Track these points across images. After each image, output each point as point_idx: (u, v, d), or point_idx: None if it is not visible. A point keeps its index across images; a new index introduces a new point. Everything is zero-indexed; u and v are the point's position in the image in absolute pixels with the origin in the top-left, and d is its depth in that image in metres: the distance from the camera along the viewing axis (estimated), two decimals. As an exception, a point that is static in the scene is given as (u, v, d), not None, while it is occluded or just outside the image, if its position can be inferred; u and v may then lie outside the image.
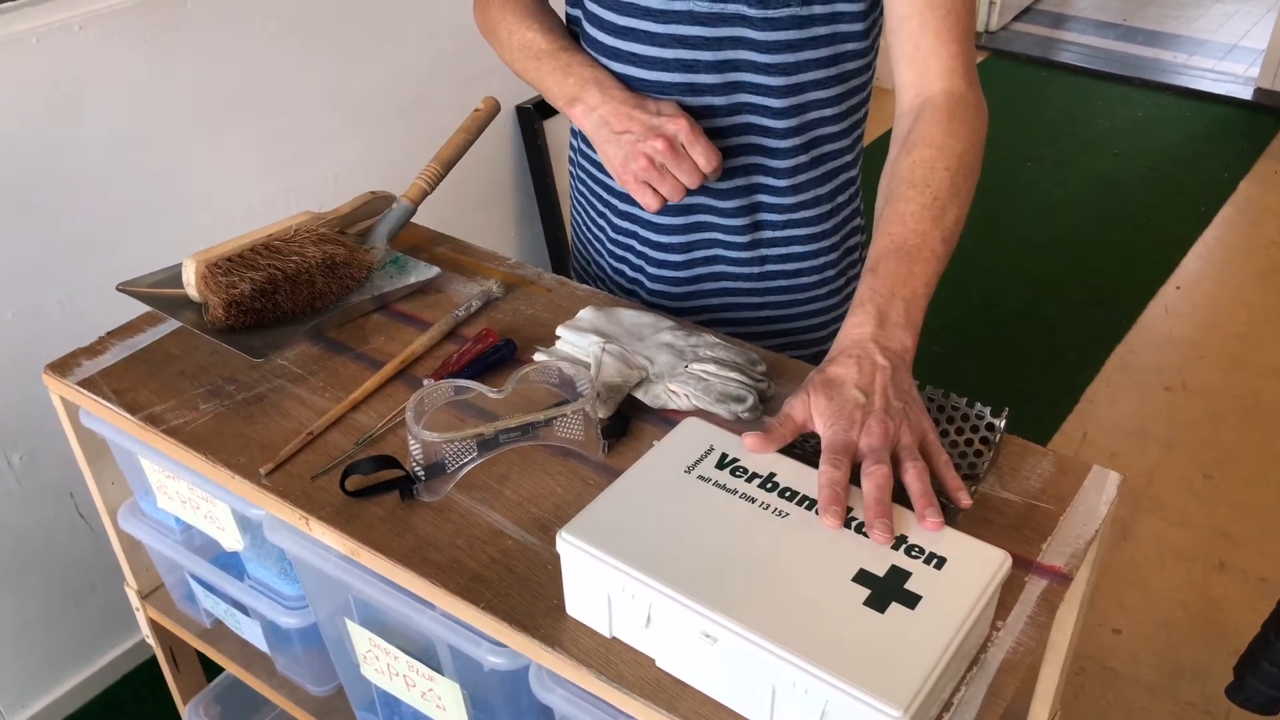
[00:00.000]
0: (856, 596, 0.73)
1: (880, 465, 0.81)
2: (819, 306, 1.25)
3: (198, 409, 1.01)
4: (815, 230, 1.20)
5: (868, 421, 0.84)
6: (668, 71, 1.09)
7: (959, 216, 0.96)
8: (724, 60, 1.08)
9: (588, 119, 1.09)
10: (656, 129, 1.04)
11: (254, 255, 1.08)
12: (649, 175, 1.05)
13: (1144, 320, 2.92)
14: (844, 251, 1.24)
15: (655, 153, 1.04)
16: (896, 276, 0.92)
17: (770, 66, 1.07)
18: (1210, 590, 2.14)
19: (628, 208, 1.21)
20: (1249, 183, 3.54)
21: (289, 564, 1.06)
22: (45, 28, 1.53)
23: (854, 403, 0.84)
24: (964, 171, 0.98)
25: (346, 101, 2.02)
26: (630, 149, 1.06)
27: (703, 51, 1.08)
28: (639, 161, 1.05)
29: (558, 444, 0.94)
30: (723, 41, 1.07)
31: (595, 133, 1.09)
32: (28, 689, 1.84)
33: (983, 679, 0.75)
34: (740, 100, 1.10)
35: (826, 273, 1.23)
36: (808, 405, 0.87)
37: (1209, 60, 4.34)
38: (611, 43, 1.11)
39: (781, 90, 1.09)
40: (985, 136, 1.02)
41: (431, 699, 0.96)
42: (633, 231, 1.22)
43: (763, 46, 1.06)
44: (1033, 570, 0.83)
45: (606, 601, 0.77)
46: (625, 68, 1.11)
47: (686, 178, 1.05)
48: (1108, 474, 0.92)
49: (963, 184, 0.97)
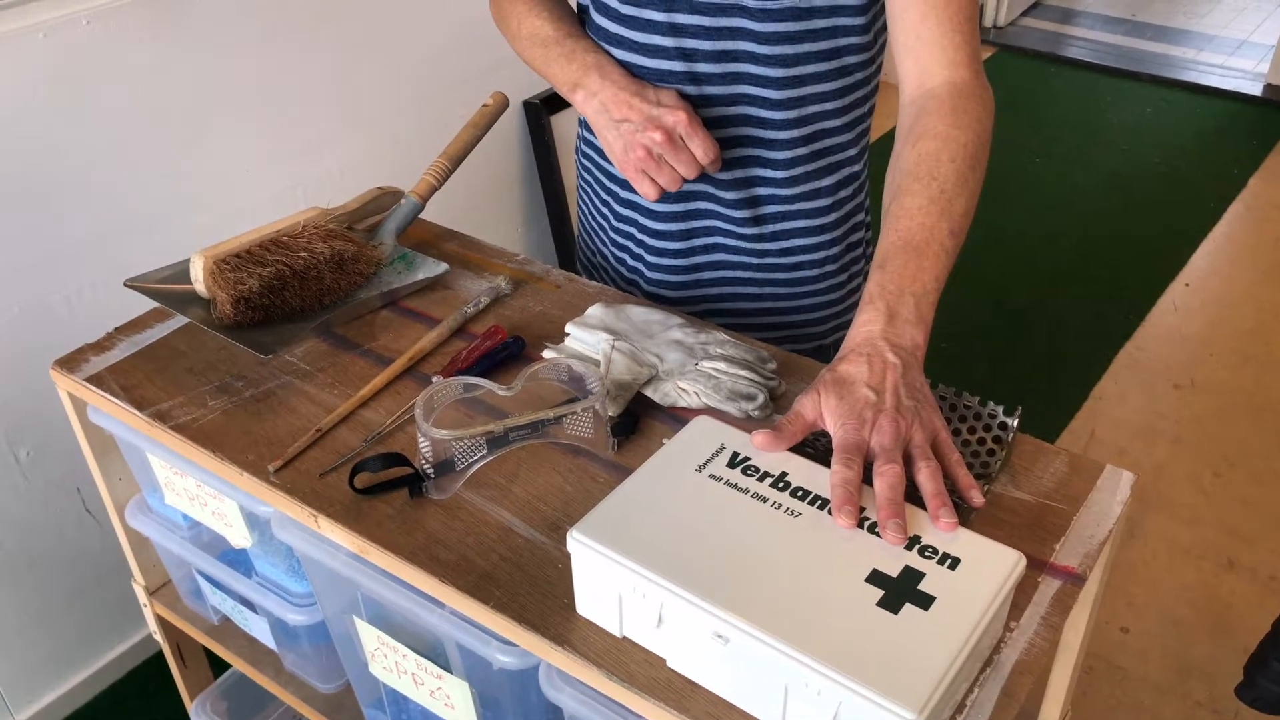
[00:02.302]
0: (870, 597, 0.72)
1: (892, 465, 0.80)
2: (819, 301, 1.25)
3: (206, 405, 1.01)
4: (816, 223, 1.19)
5: (879, 420, 0.83)
6: (668, 60, 1.10)
7: (967, 209, 0.95)
8: (723, 50, 1.08)
9: (589, 105, 1.09)
10: (655, 119, 1.04)
11: (262, 251, 1.08)
12: (647, 165, 1.06)
13: (1153, 317, 2.91)
14: (846, 246, 1.24)
15: (653, 144, 1.04)
16: (905, 272, 0.91)
17: (769, 58, 1.08)
18: (1219, 588, 2.13)
19: (629, 195, 1.21)
20: (1259, 179, 3.53)
21: (297, 561, 1.06)
22: (52, 22, 1.52)
23: (865, 401, 0.84)
24: (970, 162, 0.96)
25: (354, 96, 2.02)
26: (629, 138, 1.06)
27: (702, 41, 1.08)
28: (637, 151, 1.05)
29: (567, 442, 0.93)
30: (722, 32, 1.07)
31: (596, 119, 1.09)
32: (34, 684, 1.84)
33: (996, 680, 0.75)
34: (739, 91, 1.10)
35: (827, 267, 1.23)
36: (818, 404, 0.86)
37: (1218, 56, 4.32)
38: (616, 30, 1.12)
39: (780, 82, 1.09)
40: (991, 125, 1.00)
41: (440, 697, 0.96)
42: (633, 220, 1.22)
43: (762, 38, 1.06)
44: (1046, 571, 0.83)
45: (617, 601, 0.76)
46: (628, 55, 1.11)
47: (684, 169, 1.06)
48: (1121, 474, 0.91)
49: (970, 175, 0.96)
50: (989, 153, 1.00)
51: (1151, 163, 3.62)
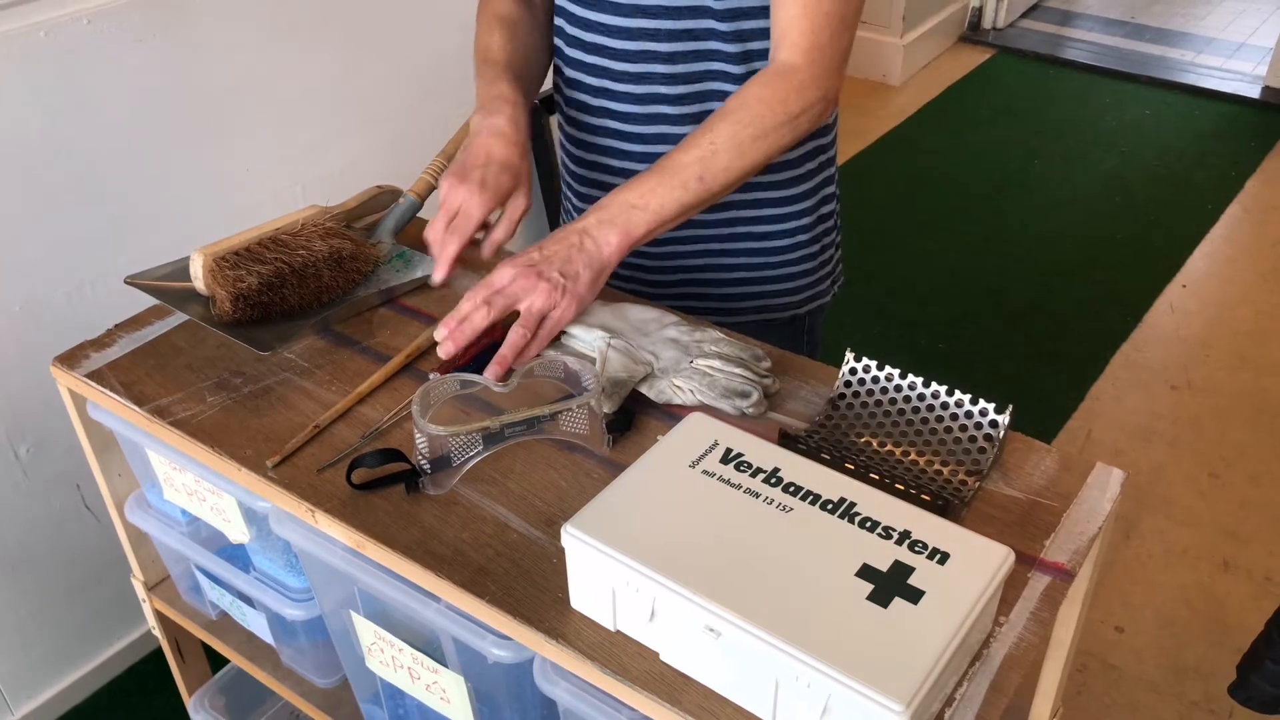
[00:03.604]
0: (860, 591, 0.73)
1: (485, 306, 0.98)
2: (791, 271, 1.28)
3: (205, 401, 1.01)
4: (786, 193, 1.23)
5: (522, 272, 0.99)
6: (632, 40, 1.14)
7: (728, 166, 1.04)
8: (684, 30, 1.12)
9: (472, 136, 1.16)
10: (466, 194, 1.11)
11: (261, 249, 1.09)
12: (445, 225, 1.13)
13: (1150, 318, 2.91)
14: (818, 218, 1.28)
15: (448, 210, 1.12)
16: (641, 188, 1.04)
17: (729, 34, 1.11)
18: (1215, 589, 2.14)
19: (593, 175, 1.25)
20: (1256, 181, 3.53)
21: (294, 556, 1.07)
22: (54, 21, 1.53)
23: (527, 258, 1.01)
24: (754, 131, 1.04)
25: (353, 96, 2.02)
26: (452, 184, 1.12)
27: (664, 20, 1.12)
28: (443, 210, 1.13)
29: (563, 438, 0.94)
30: (683, 11, 1.11)
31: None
32: (34, 680, 1.85)
33: (985, 674, 0.76)
34: (704, 68, 1.14)
35: (799, 237, 1.27)
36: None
37: (1217, 58, 4.32)
38: (582, 13, 1.16)
39: (741, 56, 1.13)
40: (801, 110, 1.06)
41: (436, 691, 0.97)
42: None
43: (721, 15, 1.10)
44: (1035, 566, 0.84)
45: (611, 595, 0.77)
46: (596, 37, 1.16)
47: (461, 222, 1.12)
48: (1111, 471, 0.92)
49: (748, 142, 1.04)
50: (792, 132, 1.07)
51: (1150, 164, 3.62)
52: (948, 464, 0.92)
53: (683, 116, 1.17)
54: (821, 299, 1.33)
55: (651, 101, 1.17)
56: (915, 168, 3.62)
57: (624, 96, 1.18)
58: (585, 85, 1.21)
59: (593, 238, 1.02)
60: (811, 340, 1.36)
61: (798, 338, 1.33)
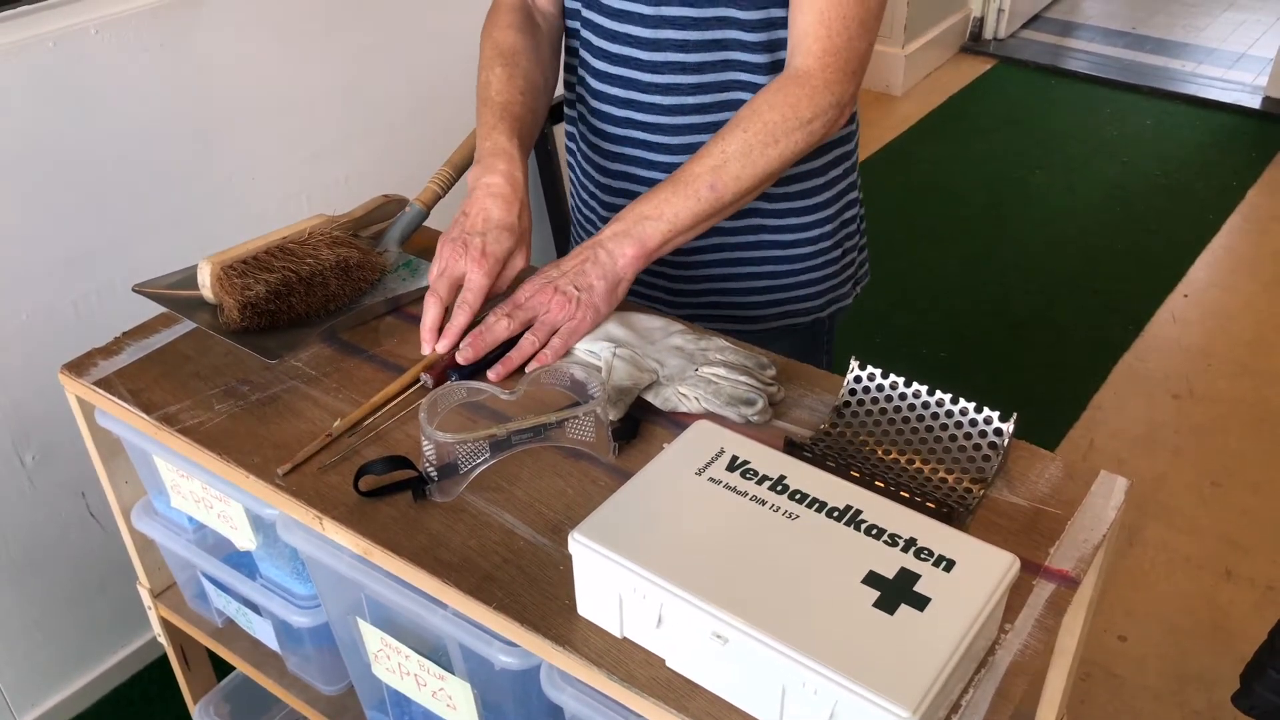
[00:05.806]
0: (866, 598, 0.73)
1: (508, 318, 1.03)
2: (814, 276, 1.29)
3: (212, 409, 1.02)
4: (810, 202, 1.24)
5: (540, 288, 1.03)
6: (659, 51, 1.14)
7: (740, 174, 1.06)
8: (711, 40, 1.13)
9: (471, 190, 1.14)
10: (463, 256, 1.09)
11: (268, 257, 1.09)
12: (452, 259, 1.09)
13: (1152, 328, 2.91)
14: (840, 224, 1.28)
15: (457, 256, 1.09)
16: (655, 200, 1.06)
17: (756, 45, 1.12)
18: (1218, 597, 2.14)
19: (620, 184, 1.25)
20: (1257, 191, 3.54)
21: (301, 563, 1.07)
22: (62, 31, 1.54)
23: (546, 275, 1.05)
24: (765, 138, 1.06)
25: (360, 104, 2.03)
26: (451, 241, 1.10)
27: (690, 31, 1.12)
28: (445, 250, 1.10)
29: (569, 445, 0.95)
30: (709, 22, 1.11)
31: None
32: (37, 688, 1.85)
33: (991, 681, 0.76)
34: (730, 77, 1.15)
35: (822, 244, 1.27)
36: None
37: (1218, 69, 4.33)
38: (609, 25, 1.16)
39: (768, 67, 1.13)
40: (813, 116, 1.07)
41: (442, 698, 0.97)
42: (625, 204, 1.25)
43: (748, 26, 1.11)
44: (1040, 574, 0.84)
45: (618, 602, 0.77)
46: (623, 48, 1.16)
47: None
48: (1115, 479, 0.92)
49: (758, 149, 1.06)
50: (807, 138, 1.08)
51: (1151, 174, 3.63)
52: (952, 471, 0.93)
53: (709, 125, 1.17)
54: (843, 301, 1.33)
55: (679, 113, 1.17)
56: (917, 177, 3.63)
57: (650, 107, 1.18)
58: (611, 97, 1.20)
59: (607, 250, 1.05)
60: (829, 341, 1.37)
61: (819, 340, 1.34)
